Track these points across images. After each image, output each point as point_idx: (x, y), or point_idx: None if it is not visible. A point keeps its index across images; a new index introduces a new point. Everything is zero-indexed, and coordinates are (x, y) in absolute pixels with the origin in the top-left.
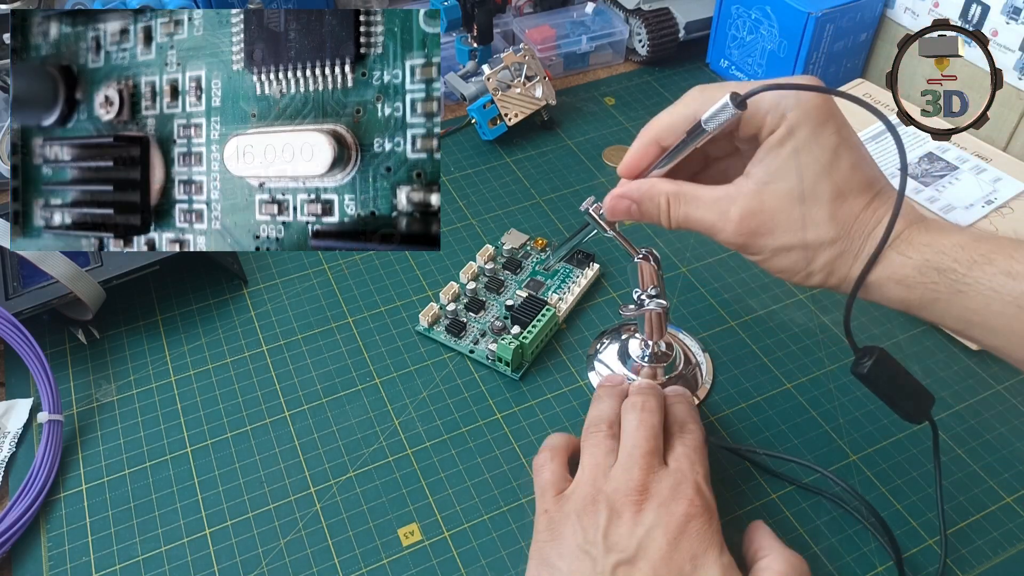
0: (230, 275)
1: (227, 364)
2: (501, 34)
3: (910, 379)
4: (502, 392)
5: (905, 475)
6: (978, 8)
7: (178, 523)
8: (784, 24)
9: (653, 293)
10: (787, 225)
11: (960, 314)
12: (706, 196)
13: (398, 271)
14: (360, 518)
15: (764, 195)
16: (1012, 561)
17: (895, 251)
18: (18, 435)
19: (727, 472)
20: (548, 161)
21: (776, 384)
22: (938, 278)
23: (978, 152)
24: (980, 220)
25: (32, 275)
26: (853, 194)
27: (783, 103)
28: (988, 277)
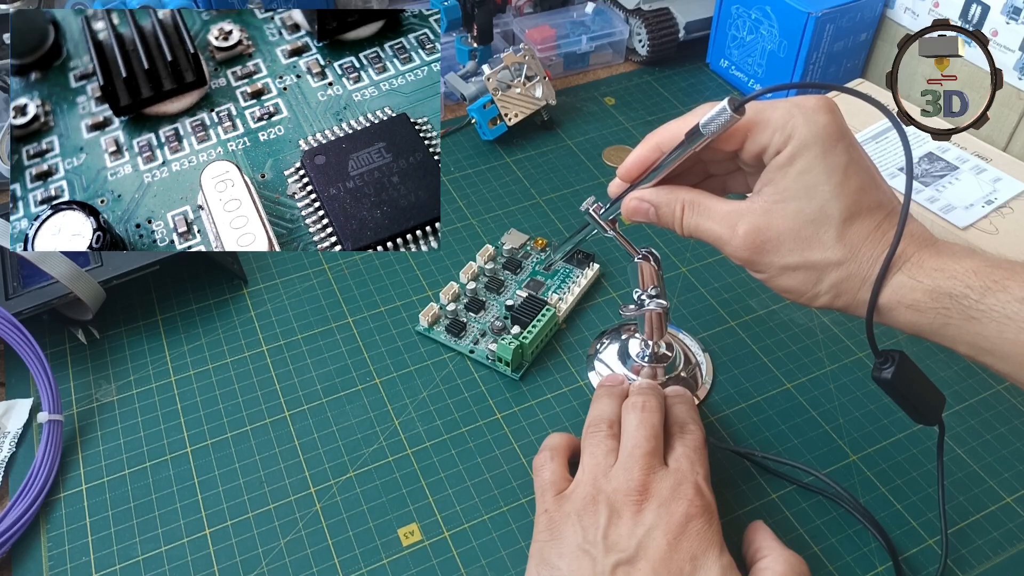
0: (230, 275)
1: (227, 364)
2: (501, 34)
3: (926, 381)
4: (502, 392)
5: (905, 475)
6: (978, 8)
7: (178, 523)
8: (784, 24)
9: (653, 293)
10: (793, 244)
11: (972, 340)
12: (719, 209)
13: (398, 271)
14: (360, 518)
15: (773, 213)
16: (1012, 561)
17: (906, 275)
18: (18, 435)
19: (727, 472)
20: (548, 161)
21: (776, 384)
22: (950, 304)
23: (978, 152)
24: (980, 220)
25: (32, 275)
26: (862, 215)
27: (791, 122)
28: (1002, 304)
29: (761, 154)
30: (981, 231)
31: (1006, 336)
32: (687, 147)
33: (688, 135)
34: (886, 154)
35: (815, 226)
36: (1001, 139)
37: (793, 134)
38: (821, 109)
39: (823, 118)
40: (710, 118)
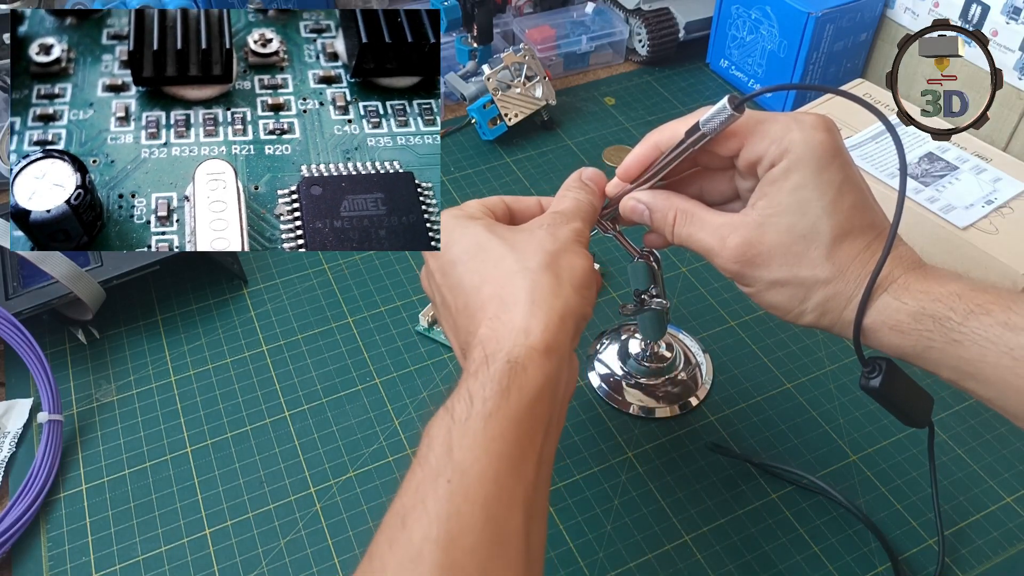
0: (230, 275)
1: (227, 364)
2: (501, 34)
3: (913, 385)
4: None
5: (905, 475)
6: (978, 8)
7: (178, 523)
8: (784, 24)
9: (653, 293)
10: (782, 260)
11: (955, 364)
12: (711, 220)
13: (398, 271)
14: (360, 518)
15: (764, 227)
16: (1012, 561)
17: (892, 296)
18: (18, 435)
19: (727, 472)
20: (548, 161)
21: (776, 384)
22: (933, 326)
23: (978, 152)
24: (980, 220)
25: (32, 275)
26: (853, 235)
27: (789, 136)
28: (984, 328)
29: (756, 164)
30: (981, 231)
31: (987, 360)
32: (686, 145)
33: (687, 133)
34: (886, 154)
35: (806, 242)
36: (1001, 139)
37: (790, 148)
38: (819, 127)
39: (820, 136)
40: (710, 116)
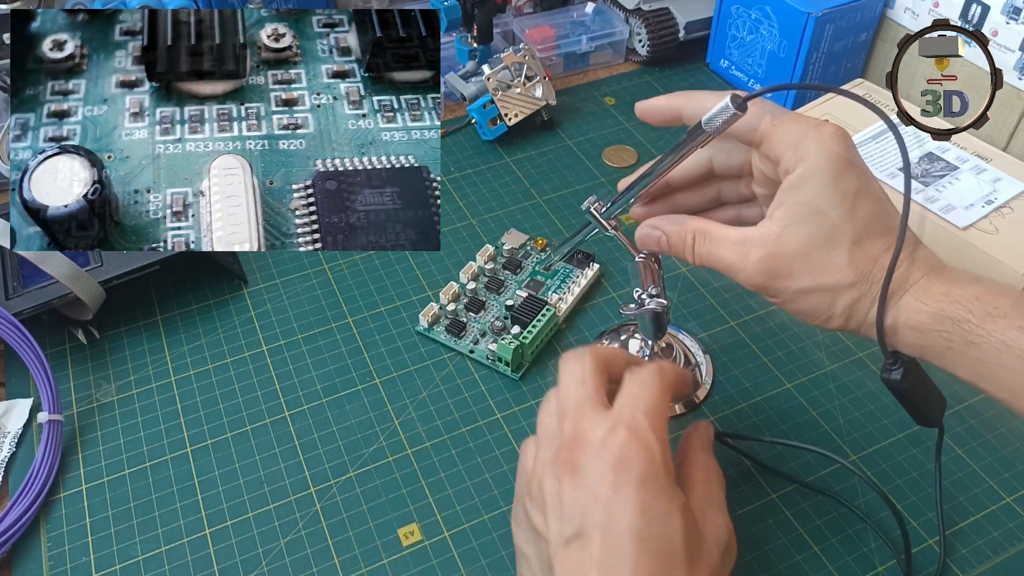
0: (230, 275)
1: (227, 364)
2: (501, 34)
3: (930, 384)
4: (502, 392)
5: (905, 475)
6: (978, 8)
7: (178, 523)
8: (784, 24)
9: (653, 292)
10: (806, 268)
11: (972, 365)
12: (731, 237)
13: (398, 271)
14: (360, 518)
15: (784, 237)
16: (1012, 561)
17: (913, 296)
18: (18, 435)
19: (727, 472)
20: (548, 161)
21: (776, 384)
22: (951, 327)
23: (978, 152)
24: (980, 220)
25: (32, 275)
26: (872, 239)
27: (804, 143)
28: (1001, 330)
29: (775, 164)
30: (981, 231)
31: (1003, 362)
32: (689, 144)
33: (690, 132)
34: (886, 154)
35: (826, 249)
36: (1001, 139)
37: (805, 156)
38: (835, 137)
39: (836, 146)
40: (712, 115)
